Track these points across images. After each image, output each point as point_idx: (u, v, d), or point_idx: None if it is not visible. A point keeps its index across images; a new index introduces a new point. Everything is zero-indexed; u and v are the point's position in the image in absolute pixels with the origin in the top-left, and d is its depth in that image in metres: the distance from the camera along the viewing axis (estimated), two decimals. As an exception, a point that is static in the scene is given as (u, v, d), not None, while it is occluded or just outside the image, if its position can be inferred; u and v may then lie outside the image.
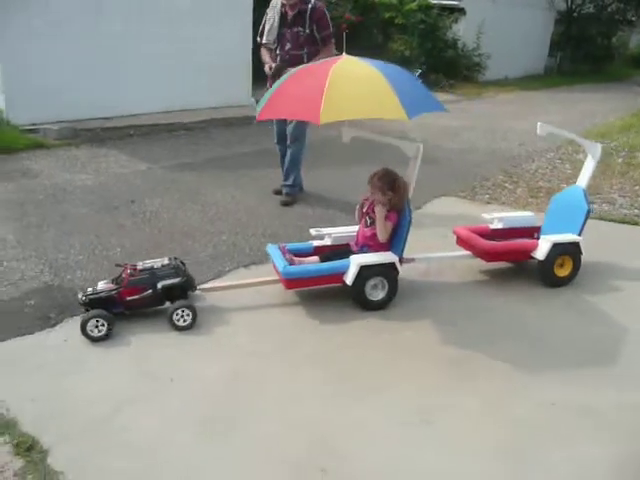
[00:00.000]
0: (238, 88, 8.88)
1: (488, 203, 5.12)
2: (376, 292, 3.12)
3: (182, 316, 2.84)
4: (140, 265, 2.97)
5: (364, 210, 3.28)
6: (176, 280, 2.92)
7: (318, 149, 6.76)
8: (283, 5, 4.54)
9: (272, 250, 3.28)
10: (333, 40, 4.65)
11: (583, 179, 3.60)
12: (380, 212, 3.11)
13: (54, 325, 2.87)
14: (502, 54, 14.96)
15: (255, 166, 5.87)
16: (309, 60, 4.47)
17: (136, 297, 2.89)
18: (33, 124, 6.51)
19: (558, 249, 3.40)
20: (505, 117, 9.74)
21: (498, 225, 3.76)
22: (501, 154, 7.11)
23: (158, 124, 7.30)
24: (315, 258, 3.29)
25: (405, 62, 13.25)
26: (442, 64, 13.61)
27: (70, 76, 6.82)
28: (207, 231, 4.17)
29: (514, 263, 3.74)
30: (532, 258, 3.47)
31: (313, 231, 3.48)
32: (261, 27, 4.76)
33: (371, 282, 3.09)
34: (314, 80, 2.78)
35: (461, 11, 14.40)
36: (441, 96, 11.91)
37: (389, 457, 2.12)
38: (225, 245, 3.91)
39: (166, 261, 3.01)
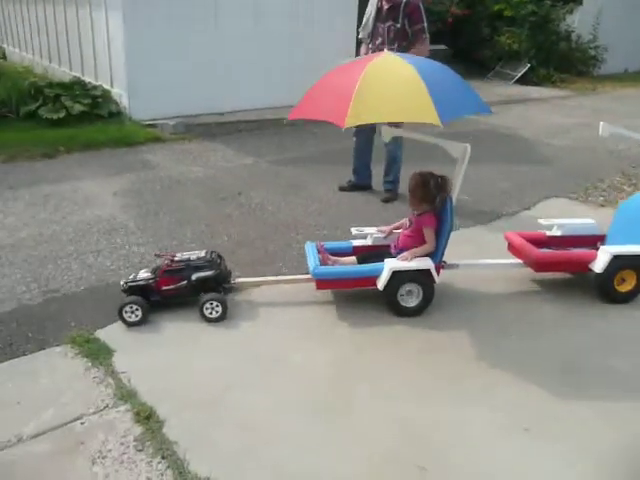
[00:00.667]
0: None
1: (602, 206, 4.80)
2: (410, 298, 3.01)
3: (213, 308, 2.92)
4: (178, 257, 3.08)
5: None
6: (210, 273, 3.00)
7: (426, 146, 6.69)
8: (380, 0, 4.56)
9: (309, 248, 3.25)
10: (426, 35, 4.57)
11: None
12: (431, 231, 3.04)
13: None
14: (621, 46, 13.86)
15: (356, 162, 5.93)
16: None
17: (171, 287, 2.99)
18: (152, 119, 7.00)
19: (619, 262, 3.08)
20: (623, 114, 9.03)
21: (556, 232, 3.50)
22: (618, 154, 6.62)
23: (265, 119, 7.55)
24: (352, 258, 3.22)
25: (513, 56, 12.70)
26: (554, 58, 12.86)
27: (187, 74, 7.24)
28: (309, 224, 4.28)
29: (572, 274, 3.45)
30: (590, 270, 3.17)
31: (354, 230, 3.43)
32: (362, 22, 4.82)
33: (405, 288, 2.98)
34: (346, 80, 2.70)
35: (577, 1, 13.53)
36: (552, 92, 11.30)
37: (489, 461, 2.09)
38: (326, 239, 3.97)
39: (202, 254, 3.10)
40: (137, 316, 2.88)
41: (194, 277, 2.98)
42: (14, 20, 11.76)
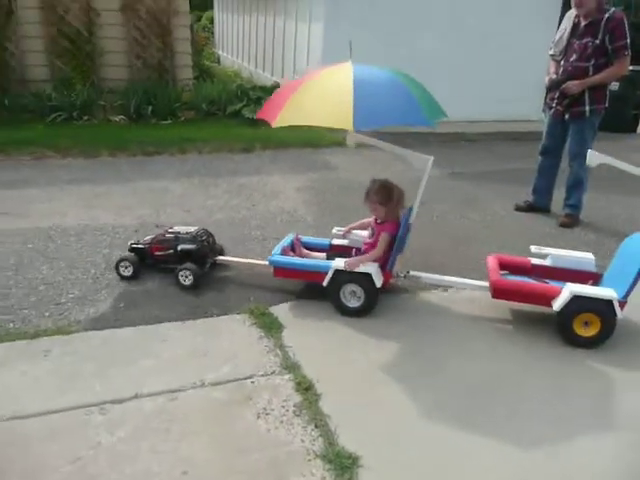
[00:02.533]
0: (527, 102, 8.65)
1: None
2: (353, 299, 3.13)
3: (186, 276, 3.34)
4: (171, 230, 3.60)
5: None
6: (192, 246, 3.44)
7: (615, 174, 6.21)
8: (577, 15, 4.35)
9: (287, 238, 3.53)
10: (628, 52, 4.25)
11: None
12: (386, 238, 3.14)
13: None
14: None
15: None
16: (595, 73, 4.25)
17: (161, 253, 3.50)
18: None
19: (579, 303, 2.85)
20: None
21: (544, 262, 3.30)
22: None
23: (451, 133, 7.58)
24: (322, 255, 3.42)
25: None
26: None
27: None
28: (479, 239, 4.26)
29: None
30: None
31: (335, 229, 3.63)
32: (553, 38, 4.65)
33: (347, 288, 3.11)
34: (293, 84, 2.96)
35: None
36: None
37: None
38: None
39: (191, 229, 3.59)
40: (129, 272, 3.43)
41: (179, 248, 3.45)
42: (228, 29, 13.31)
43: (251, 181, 5.48)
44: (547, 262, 3.31)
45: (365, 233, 3.43)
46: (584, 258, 3.27)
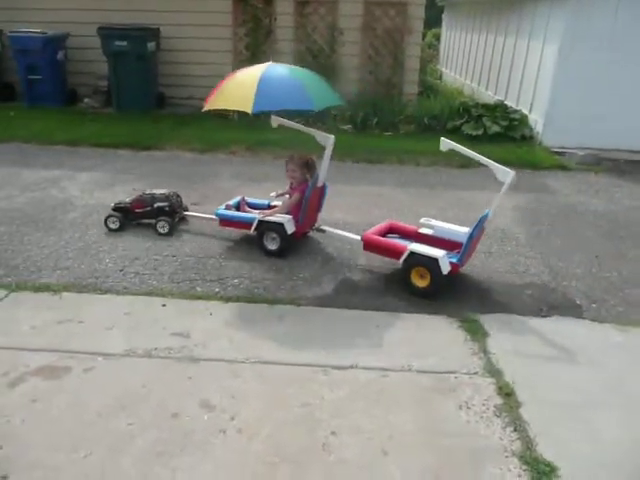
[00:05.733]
0: None
1: None
2: (273, 243, 4.03)
3: (162, 227, 4.31)
4: (147, 191, 4.47)
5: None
6: (165, 204, 4.39)
7: None
8: None
9: (236, 199, 4.39)
10: None
11: (492, 205, 3.55)
12: (294, 197, 4.02)
13: (543, 317, 3.38)
14: None
15: None
16: None
17: (141, 210, 4.39)
18: (561, 147, 7.17)
19: (415, 259, 3.51)
20: None
21: (427, 231, 3.83)
22: None
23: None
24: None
25: None
26: None
27: (607, 108, 7.11)
28: None
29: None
30: None
31: (272, 194, 4.32)
32: None
33: (268, 235, 4.02)
34: (227, 77, 3.70)
35: None
36: None
37: None
38: None
39: (163, 191, 4.49)
40: (116, 225, 4.34)
41: (155, 205, 4.38)
42: (454, 46, 13.49)
43: (469, 195, 5.61)
44: (429, 232, 3.83)
45: None
46: (459, 231, 3.70)
